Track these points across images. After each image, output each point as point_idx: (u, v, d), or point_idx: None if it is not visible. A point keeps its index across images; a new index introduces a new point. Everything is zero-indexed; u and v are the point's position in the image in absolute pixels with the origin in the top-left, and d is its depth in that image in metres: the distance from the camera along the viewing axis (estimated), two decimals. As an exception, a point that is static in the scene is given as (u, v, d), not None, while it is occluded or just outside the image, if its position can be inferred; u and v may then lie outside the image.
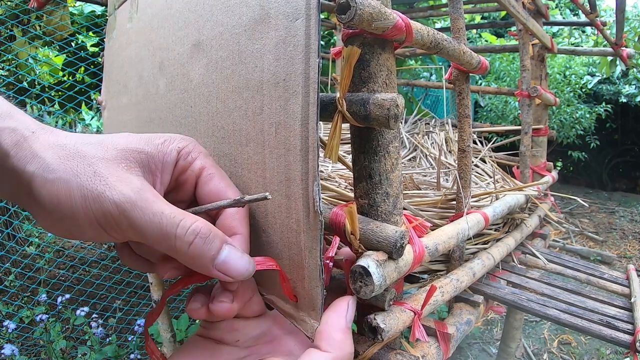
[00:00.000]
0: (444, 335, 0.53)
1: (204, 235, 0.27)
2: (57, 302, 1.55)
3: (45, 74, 2.26)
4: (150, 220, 0.25)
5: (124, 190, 0.26)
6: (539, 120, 1.12)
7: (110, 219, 0.25)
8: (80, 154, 0.26)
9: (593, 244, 3.13)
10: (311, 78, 0.29)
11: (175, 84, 0.47)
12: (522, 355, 1.89)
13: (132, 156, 0.28)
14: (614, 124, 4.35)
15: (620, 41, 1.30)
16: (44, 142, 0.26)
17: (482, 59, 0.58)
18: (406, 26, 0.38)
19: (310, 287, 0.31)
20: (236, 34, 0.36)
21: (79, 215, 0.25)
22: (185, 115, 0.45)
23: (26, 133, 0.26)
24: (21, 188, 0.26)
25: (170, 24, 0.47)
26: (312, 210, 0.30)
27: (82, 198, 0.25)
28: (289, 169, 0.31)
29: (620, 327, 0.63)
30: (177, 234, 0.26)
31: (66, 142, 0.27)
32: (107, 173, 0.26)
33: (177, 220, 0.26)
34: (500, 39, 4.50)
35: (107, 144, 0.28)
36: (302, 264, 0.31)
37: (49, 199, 0.25)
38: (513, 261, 0.85)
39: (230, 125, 0.37)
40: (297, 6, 0.30)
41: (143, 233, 0.26)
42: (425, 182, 0.83)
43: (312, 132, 0.29)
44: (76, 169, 0.26)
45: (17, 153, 0.25)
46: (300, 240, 0.31)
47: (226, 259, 0.27)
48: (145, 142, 0.29)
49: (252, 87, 0.34)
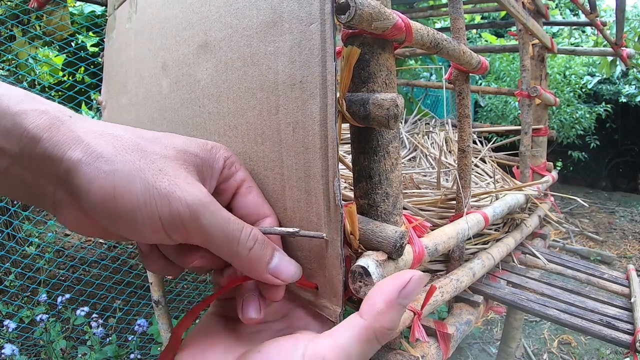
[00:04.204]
0: (444, 335, 0.53)
1: (261, 242, 0.28)
2: (57, 302, 1.55)
3: (45, 74, 2.26)
4: (219, 225, 0.26)
5: (195, 192, 0.25)
6: (539, 120, 1.12)
7: (178, 220, 0.25)
8: (140, 148, 0.25)
9: (593, 244, 3.13)
10: (328, 81, 0.30)
11: (180, 84, 0.47)
12: (522, 355, 1.89)
13: (189, 159, 0.28)
14: (614, 124, 4.35)
15: (620, 41, 1.30)
16: (89, 128, 0.24)
17: (482, 59, 0.58)
18: (406, 26, 0.38)
19: (331, 276, 0.32)
20: (247, 36, 0.37)
21: (139, 213, 0.24)
22: (192, 115, 0.45)
23: (62, 117, 0.24)
24: (49, 180, 0.24)
25: (172, 24, 0.48)
26: (332, 204, 0.31)
27: (146, 195, 0.24)
28: (308, 167, 0.32)
29: (620, 327, 0.63)
30: (241, 238, 0.27)
31: (119, 133, 0.25)
32: (173, 173, 0.25)
33: (241, 226, 0.27)
34: (500, 39, 4.50)
35: (166, 143, 0.27)
36: (323, 254, 0.33)
37: (102, 194, 0.23)
38: (513, 261, 0.85)
39: (244, 125, 0.38)
40: (311, 11, 0.31)
41: (209, 236, 0.26)
42: (425, 182, 0.83)
43: (331, 132, 0.30)
44: (138, 163, 0.24)
45: (52, 137, 0.23)
46: (321, 232, 0.32)
47: (279, 263, 0.29)
48: (197, 146, 0.29)
49: (266, 88, 0.35)
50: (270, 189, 0.36)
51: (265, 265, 0.28)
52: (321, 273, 0.33)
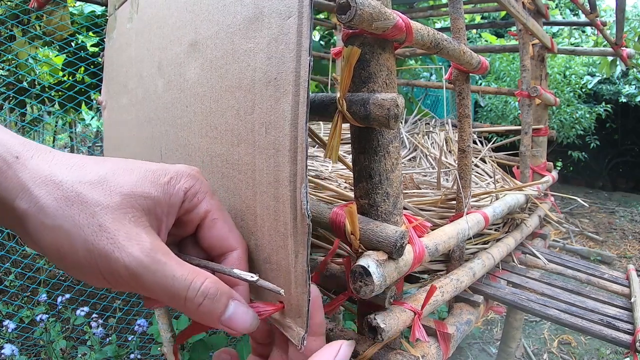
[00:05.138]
0: (444, 335, 0.53)
1: (212, 296, 0.27)
2: (57, 302, 1.55)
3: (45, 74, 2.26)
4: (162, 283, 0.25)
5: (134, 252, 0.24)
6: (539, 120, 1.12)
7: (119, 278, 0.25)
8: (80, 199, 0.24)
9: (593, 244, 3.13)
10: (302, 77, 0.28)
11: (172, 84, 0.47)
12: (522, 355, 1.89)
13: (138, 203, 0.26)
14: (614, 124, 4.35)
15: (620, 41, 1.30)
16: (33, 173, 0.24)
17: (482, 59, 0.58)
18: (406, 26, 0.38)
19: (297, 293, 0.30)
20: (230, 33, 0.36)
21: (82, 267, 0.24)
22: (180, 115, 0.45)
23: (9, 158, 0.23)
24: (11, 219, 0.24)
25: (168, 24, 0.48)
26: (299, 214, 0.29)
27: (87, 252, 0.24)
28: (278, 170, 0.31)
29: (620, 327, 0.63)
30: (188, 296, 0.26)
31: (61, 178, 0.24)
32: (114, 228, 0.24)
33: (188, 282, 0.26)
34: (500, 39, 4.50)
35: (110, 186, 0.25)
36: (289, 268, 0.31)
37: (48, 246, 0.24)
38: (513, 261, 0.85)
39: (223, 125, 0.37)
40: (289, 4, 0.29)
41: (152, 293, 0.26)
42: (426, 182, 0.83)
43: (301, 132, 0.29)
44: (78, 218, 0.24)
45: (1, 182, 0.23)
46: (288, 244, 0.31)
47: (232, 315, 0.28)
48: (150, 183, 0.27)
49: (244, 87, 0.34)
50: (243, 194, 0.35)
51: (217, 318, 0.27)
52: (287, 290, 0.31)
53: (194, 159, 0.43)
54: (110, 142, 0.77)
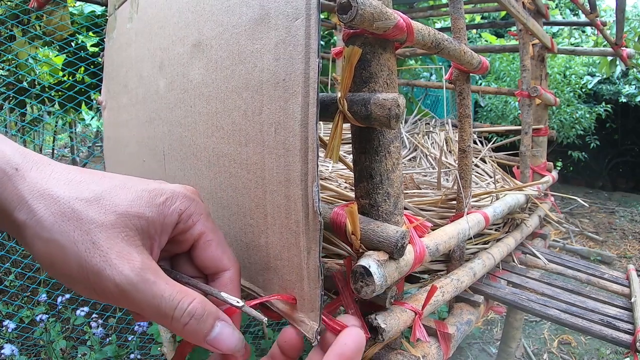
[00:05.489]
0: (445, 335, 0.53)
1: (198, 317, 0.27)
2: (57, 302, 1.55)
3: (45, 74, 2.26)
4: (150, 302, 0.26)
5: (124, 270, 0.25)
6: (539, 120, 1.12)
7: (109, 294, 0.25)
8: (76, 216, 0.25)
9: (593, 244, 3.13)
10: (311, 78, 0.29)
11: (175, 84, 0.47)
12: (522, 355, 1.89)
13: (132, 223, 0.27)
14: (614, 124, 4.35)
15: (620, 41, 1.30)
16: (32, 186, 0.25)
17: (482, 59, 0.58)
18: (407, 26, 0.38)
19: (309, 289, 0.31)
20: (236, 34, 0.36)
21: (74, 279, 0.25)
22: (185, 115, 0.45)
23: (8, 170, 0.24)
24: (11, 228, 0.25)
25: (170, 24, 0.47)
26: (311, 211, 0.30)
27: (79, 267, 0.25)
28: (288, 170, 0.31)
29: (620, 327, 0.63)
30: (174, 316, 0.26)
31: (59, 194, 0.25)
32: (106, 246, 0.25)
33: (175, 302, 0.26)
34: (500, 39, 4.50)
35: (106, 205, 0.26)
36: (301, 265, 0.31)
37: (43, 257, 0.25)
38: (513, 261, 0.85)
39: (230, 126, 0.37)
40: (297, 6, 0.30)
41: (141, 311, 0.26)
42: (426, 182, 0.83)
43: (311, 133, 0.29)
44: (72, 234, 0.25)
45: (1, 193, 0.24)
46: (300, 241, 0.31)
47: (217, 336, 0.28)
48: (145, 203, 0.28)
49: (251, 87, 0.34)
50: (252, 192, 0.35)
51: (203, 338, 0.28)
52: (299, 285, 0.32)
53: (199, 159, 0.43)
54: (110, 142, 0.77)
